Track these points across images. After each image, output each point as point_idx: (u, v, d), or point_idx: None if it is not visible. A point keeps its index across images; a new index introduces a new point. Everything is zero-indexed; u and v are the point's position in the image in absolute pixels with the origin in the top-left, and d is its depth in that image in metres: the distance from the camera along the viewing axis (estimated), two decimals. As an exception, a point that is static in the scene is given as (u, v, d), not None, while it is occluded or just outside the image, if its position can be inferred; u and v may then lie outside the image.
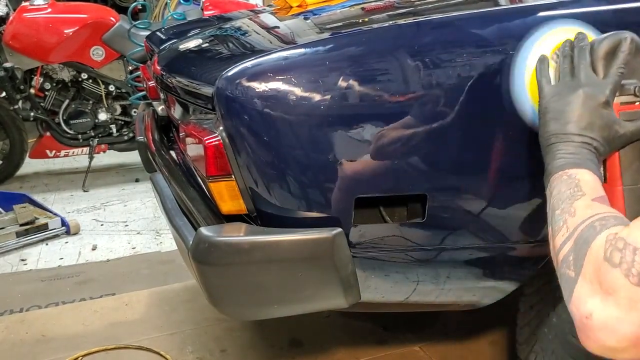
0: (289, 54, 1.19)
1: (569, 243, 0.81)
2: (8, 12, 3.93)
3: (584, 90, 0.97)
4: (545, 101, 1.01)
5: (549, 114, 0.99)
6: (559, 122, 0.97)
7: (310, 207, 1.19)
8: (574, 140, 0.95)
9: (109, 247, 3.02)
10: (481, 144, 1.18)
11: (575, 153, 0.94)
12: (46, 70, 3.84)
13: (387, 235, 1.24)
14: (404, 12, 1.58)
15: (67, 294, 2.51)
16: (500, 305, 1.44)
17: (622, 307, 0.69)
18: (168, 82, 1.56)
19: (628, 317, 0.69)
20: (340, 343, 2.06)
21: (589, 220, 0.80)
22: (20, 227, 3.05)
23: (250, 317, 1.81)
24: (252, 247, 1.18)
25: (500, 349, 1.98)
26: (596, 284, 0.73)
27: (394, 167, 1.16)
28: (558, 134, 0.96)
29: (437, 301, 1.38)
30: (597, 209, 0.83)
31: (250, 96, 1.13)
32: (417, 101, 1.14)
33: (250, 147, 1.15)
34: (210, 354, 2.02)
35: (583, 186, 0.88)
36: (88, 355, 2.04)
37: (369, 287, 1.29)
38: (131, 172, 4.20)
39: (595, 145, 0.95)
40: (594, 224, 0.79)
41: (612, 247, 0.72)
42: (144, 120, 2.06)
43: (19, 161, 3.96)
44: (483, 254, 1.29)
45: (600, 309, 0.71)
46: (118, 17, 3.88)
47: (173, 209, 1.49)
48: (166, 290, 2.48)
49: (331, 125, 1.13)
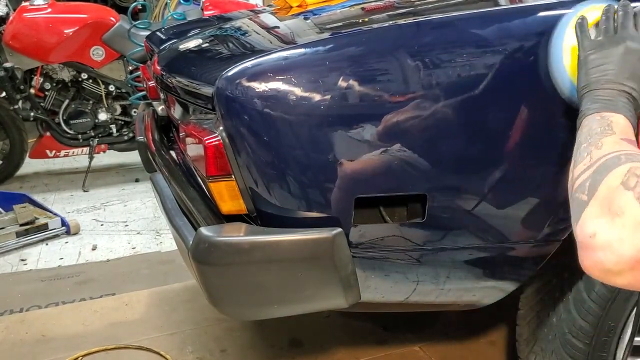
0: (289, 54, 1.19)
1: (588, 171, 0.81)
2: (8, 12, 3.93)
3: (626, 44, 0.98)
4: (586, 53, 1.01)
5: (589, 63, 0.99)
6: (598, 71, 0.97)
7: (310, 207, 1.19)
8: (614, 88, 0.95)
9: (109, 247, 3.02)
10: (478, 143, 1.18)
11: (612, 99, 0.94)
12: (46, 70, 3.83)
13: (387, 235, 1.24)
14: (404, 12, 1.58)
15: (67, 294, 2.51)
16: (500, 305, 1.44)
17: (627, 228, 0.69)
18: (168, 82, 1.56)
19: (630, 239, 0.68)
20: (340, 343, 2.06)
21: (615, 153, 0.80)
22: (20, 227, 3.05)
23: (250, 317, 1.81)
24: (252, 247, 1.18)
25: (500, 349, 1.98)
26: (606, 206, 0.72)
27: (393, 167, 1.16)
28: (598, 81, 0.97)
29: (437, 301, 1.38)
30: (625, 146, 0.82)
31: (250, 96, 1.13)
32: (417, 101, 1.14)
33: (250, 147, 1.15)
34: (210, 354, 2.02)
35: (615, 127, 0.88)
36: (88, 355, 2.04)
37: (369, 287, 1.29)
38: (131, 172, 4.20)
39: (635, 95, 0.95)
40: (620, 156, 0.78)
41: (631, 174, 0.72)
42: (144, 120, 2.06)
43: (19, 161, 3.96)
44: (483, 254, 1.29)
45: (605, 229, 0.71)
46: (118, 17, 3.88)
47: (173, 209, 1.49)
48: (166, 290, 2.48)
49: (331, 125, 1.13)
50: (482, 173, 1.20)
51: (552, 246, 1.28)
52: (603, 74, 0.97)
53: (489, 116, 1.17)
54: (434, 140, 1.16)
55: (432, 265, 1.30)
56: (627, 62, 0.97)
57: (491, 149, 1.18)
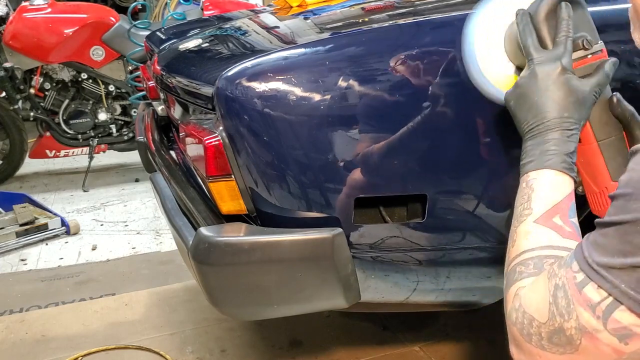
0: (289, 54, 1.19)
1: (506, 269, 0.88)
2: (8, 12, 3.93)
3: (534, 69, 0.93)
4: (509, 103, 0.97)
5: (511, 109, 0.95)
6: (521, 113, 0.93)
7: (310, 207, 1.19)
8: (539, 130, 0.90)
9: (109, 247, 3.02)
10: (478, 143, 1.18)
11: (538, 146, 0.90)
12: (46, 70, 3.84)
13: (387, 235, 1.24)
14: (404, 12, 1.58)
15: (67, 294, 2.51)
16: (500, 305, 1.44)
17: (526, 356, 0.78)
18: (168, 82, 1.56)
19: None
20: (340, 343, 2.06)
21: (516, 260, 0.85)
22: (20, 227, 3.05)
23: (250, 317, 1.81)
24: (252, 247, 1.18)
25: (500, 349, 1.97)
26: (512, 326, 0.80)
27: (393, 167, 1.16)
28: (528, 126, 0.92)
29: (437, 301, 1.38)
30: (531, 241, 0.84)
31: (250, 96, 1.13)
32: (417, 101, 1.14)
33: (250, 147, 1.15)
34: (210, 354, 2.02)
35: (534, 199, 0.86)
36: (88, 355, 2.04)
37: (369, 287, 1.29)
38: (131, 172, 4.20)
39: (569, 122, 0.90)
40: (516, 269, 0.84)
41: (512, 307, 0.80)
42: (144, 120, 2.06)
43: (18, 161, 3.96)
44: (483, 254, 1.29)
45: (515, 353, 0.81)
46: (118, 17, 3.89)
47: (173, 209, 1.49)
48: (166, 290, 2.48)
49: (331, 125, 1.13)
50: (482, 173, 1.20)
51: (552, 246, 1.28)
52: (525, 116, 0.92)
53: (488, 116, 1.16)
54: (434, 140, 1.16)
55: (432, 265, 1.30)
56: (545, 91, 0.90)
57: (491, 149, 1.18)
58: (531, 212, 0.86)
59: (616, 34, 1.16)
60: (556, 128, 0.89)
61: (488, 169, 1.20)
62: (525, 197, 0.88)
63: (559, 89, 0.91)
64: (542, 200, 0.86)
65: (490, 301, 1.41)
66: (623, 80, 1.18)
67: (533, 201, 0.87)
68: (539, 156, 0.89)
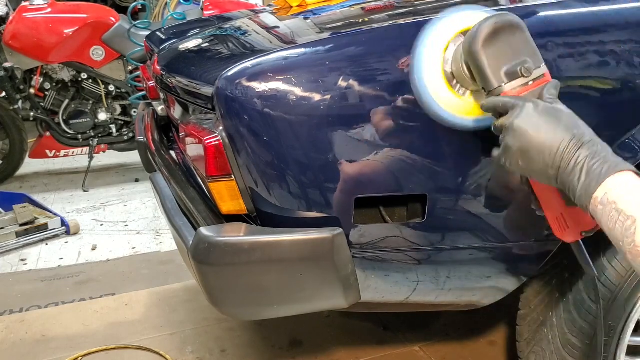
0: (289, 54, 1.18)
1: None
2: (8, 12, 3.93)
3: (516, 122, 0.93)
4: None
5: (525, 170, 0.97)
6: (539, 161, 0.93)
7: (310, 207, 1.19)
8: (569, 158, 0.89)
9: (109, 247, 3.02)
10: (478, 143, 1.18)
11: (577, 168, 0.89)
12: (46, 70, 3.84)
13: (387, 235, 1.24)
14: (404, 12, 1.57)
15: (67, 294, 2.51)
16: (500, 305, 1.44)
17: None
18: (168, 82, 1.56)
19: None
20: (340, 343, 2.06)
21: None
22: (20, 227, 3.05)
23: (250, 317, 1.81)
24: (252, 247, 1.18)
25: (500, 349, 1.98)
26: None
27: (393, 167, 1.16)
28: (554, 165, 0.91)
29: (437, 301, 1.37)
30: None
31: (250, 96, 1.13)
32: (417, 101, 1.13)
33: (250, 147, 1.15)
34: (210, 354, 2.02)
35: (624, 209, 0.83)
36: (88, 355, 2.04)
37: (369, 287, 1.29)
38: (131, 172, 4.20)
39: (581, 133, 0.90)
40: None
41: None
42: (144, 120, 2.06)
43: (18, 161, 3.97)
44: (483, 254, 1.29)
45: None
46: (118, 17, 3.89)
47: (173, 209, 1.49)
48: (166, 290, 2.48)
49: (331, 125, 1.13)
50: (482, 172, 1.20)
51: (552, 246, 1.28)
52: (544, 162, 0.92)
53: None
54: (434, 140, 1.16)
55: (432, 265, 1.30)
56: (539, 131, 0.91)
57: (491, 148, 1.18)
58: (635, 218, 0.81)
59: (616, 34, 1.16)
60: (579, 147, 0.89)
61: (488, 169, 1.20)
62: (613, 215, 0.83)
63: (547, 121, 0.91)
64: (632, 204, 0.82)
65: (490, 301, 1.41)
66: (623, 80, 1.18)
67: (626, 210, 0.82)
68: (588, 175, 0.87)
